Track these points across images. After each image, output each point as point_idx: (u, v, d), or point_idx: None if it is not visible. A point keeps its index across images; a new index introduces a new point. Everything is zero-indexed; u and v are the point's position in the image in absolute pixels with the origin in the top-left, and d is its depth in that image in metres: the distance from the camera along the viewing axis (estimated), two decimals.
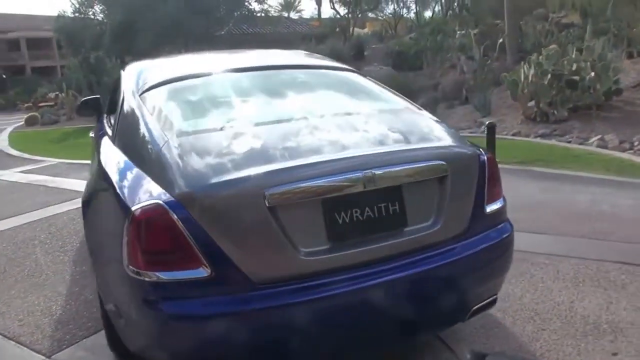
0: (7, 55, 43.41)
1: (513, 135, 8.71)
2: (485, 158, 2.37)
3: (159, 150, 2.11)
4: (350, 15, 21.59)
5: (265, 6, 24.49)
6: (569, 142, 7.60)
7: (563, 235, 3.97)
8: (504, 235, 2.41)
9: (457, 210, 2.22)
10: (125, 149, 2.47)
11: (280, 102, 2.70)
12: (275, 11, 28.31)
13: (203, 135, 2.24)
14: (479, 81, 11.72)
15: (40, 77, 34.28)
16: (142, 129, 2.34)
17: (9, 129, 16.23)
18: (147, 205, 1.89)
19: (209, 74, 2.87)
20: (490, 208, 2.35)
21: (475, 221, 2.27)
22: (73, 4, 25.44)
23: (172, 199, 1.87)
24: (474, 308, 2.32)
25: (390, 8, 24.44)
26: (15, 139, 13.35)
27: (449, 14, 16.51)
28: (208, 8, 24.39)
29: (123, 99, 2.78)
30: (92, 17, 27.53)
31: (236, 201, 1.87)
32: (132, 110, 2.56)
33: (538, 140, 8.07)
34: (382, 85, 3.05)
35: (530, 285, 3.22)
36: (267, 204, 1.86)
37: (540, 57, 8.94)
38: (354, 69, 3.23)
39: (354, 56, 19.28)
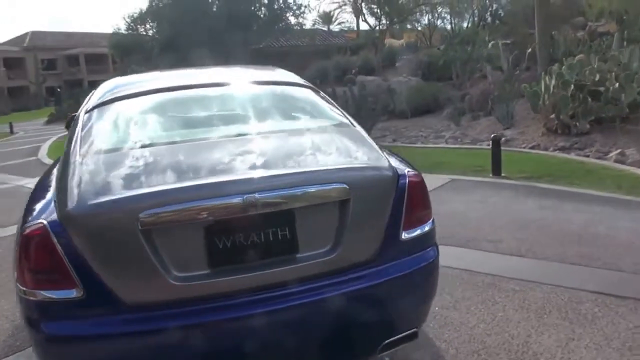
0: (68, 70, 46.06)
1: (531, 148, 8.27)
2: (407, 180, 2.17)
3: (65, 170, 2.13)
4: (380, 27, 21.47)
5: (301, 20, 24.79)
6: (587, 156, 7.13)
7: (544, 259, 3.62)
8: (423, 264, 2.20)
9: (362, 236, 2.05)
10: (58, 168, 2.49)
11: (199, 122, 2.63)
12: (314, 24, 28.65)
13: (103, 156, 2.18)
14: (504, 92, 11.27)
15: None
16: (68, 148, 2.35)
17: (54, 138, 16.80)
18: (33, 224, 1.93)
19: (149, 93, 2.78)
20: (409, 234, 2.16)
21: (387, 248, 2.10)
22: (127, 21, 26.66)
23: (56, 219, 1.89)
24: (386, 342, 2.09)
25: (425, 19, 24.12)
26: (54, 148, 13.77)
27: (481, 24, 16.05)
28: (248, 23, 24.98)
29: (78, 117, 2.78)
30: (144, 33, 28.78)
31: (110, 223, 1.84)
32: (73, 129, 2.57)
33: (555, 153, 7.61)
34: (331, 102, 2.87)
35: (488, 314, 2.93)
36: (139, 227, 1.81)
37: (563, 67, 8.45)
38: (309, 85, 3.05)
39: (385, 67, 19.08)
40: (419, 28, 25.66)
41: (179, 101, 2.77)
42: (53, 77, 42.37)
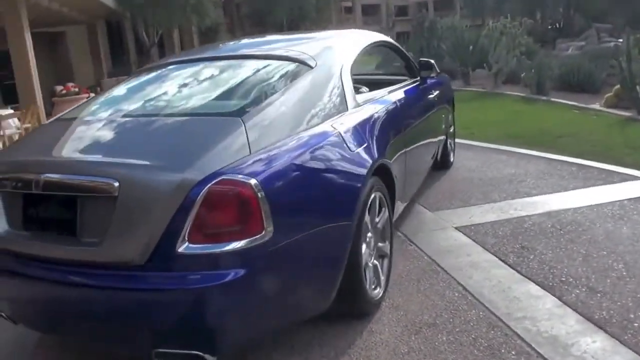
0: (418, 15, 49.30)
1: None
2: (208, 188, 1.84)
3: None
4: None
5: None
6: None
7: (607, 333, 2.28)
8: (204, 285, 1.83)
9: (127, 237, 1.91)
10: None
11: (141, 100, 2.80)
12: None
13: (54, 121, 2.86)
14: None
15: None
16: None
17: None
18: None
19: (164, 66, 3.21)
20: (195, 250, 1.85)
21: (159, 256, 1.87)
22: None
23: None
24: (159, 350, 1.90)
25: None
26: None
27: None
28: None
29: None
30: None
31: None
32: None
33: None
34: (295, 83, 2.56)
35: None
36: None
37: None
38: (302, 60, 2.77)
39: None
40: None
41: (166, 76, 3.05)
42: (402, 23, 45.66)
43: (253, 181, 1.86)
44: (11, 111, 9.89)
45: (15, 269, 2.12)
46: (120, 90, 3.02)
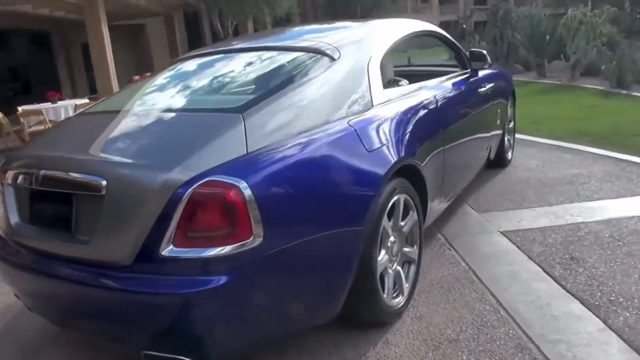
0: (493, 3, 47.11)
1: None
2: (191, 191, 1.75)
3: None
4: None
5: None
6: None
7: None
8: (185, 291, 1.75)
9: (113, 237, 1.87)
10: None
11: (162, 93, 2.78)
12: None
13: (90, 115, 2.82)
14: None
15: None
16: None
17: None
18: None
19: (189, 59, 3.14)
20: (179, 253, 1.77)
21: (143, 258, 1.81)
22: None
23: None
24: (147, 352, 1.85)
25: None
26: None
27: None
28: None
29: None
30: None
31: None
32: None
33: None
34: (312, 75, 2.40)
35: None
36: None
37: None
38: (324, 52, 2.61)
39: None
40: None
41: (184, 72, 3.01)
42: (480, 12, 43.85)
43: (242, 183, 1.74)
44: (87, 100, 10.41)
45: (24, 260, 2.16)
46: (142, 85, 2.99)
